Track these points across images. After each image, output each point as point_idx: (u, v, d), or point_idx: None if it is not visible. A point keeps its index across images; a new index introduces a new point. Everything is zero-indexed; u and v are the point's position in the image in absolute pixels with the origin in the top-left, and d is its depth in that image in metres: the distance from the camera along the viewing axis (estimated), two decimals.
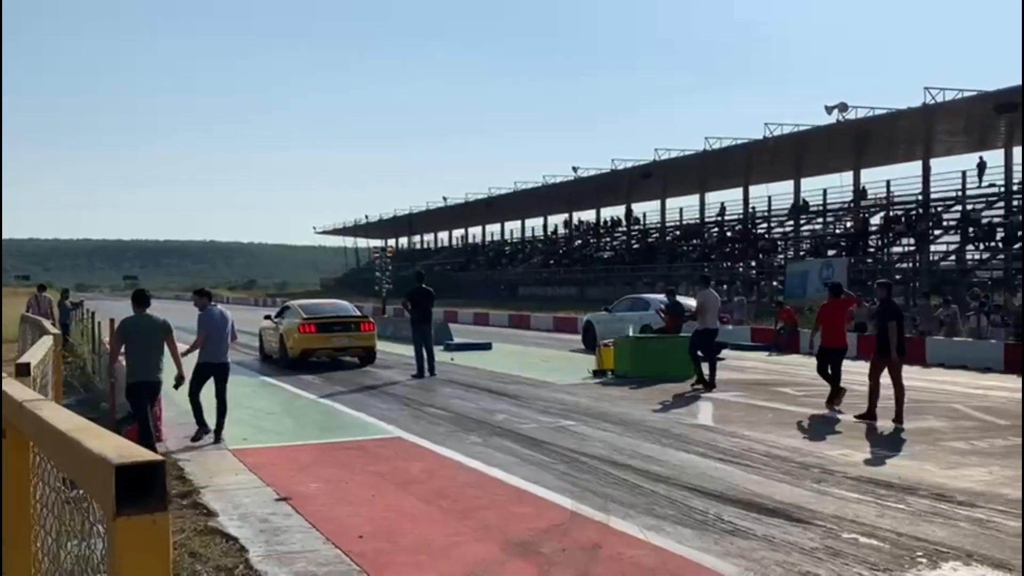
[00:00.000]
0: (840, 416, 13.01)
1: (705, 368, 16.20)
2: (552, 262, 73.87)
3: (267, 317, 22.62)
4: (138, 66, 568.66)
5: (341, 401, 14.84)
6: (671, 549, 6.42)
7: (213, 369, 11.44)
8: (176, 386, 10.38)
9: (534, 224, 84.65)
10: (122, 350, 10.14)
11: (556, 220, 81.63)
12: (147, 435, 9.46)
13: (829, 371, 13.92)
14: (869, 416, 12.48)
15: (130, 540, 1.31)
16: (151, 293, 11.40)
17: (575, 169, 63.72)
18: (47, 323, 13.07)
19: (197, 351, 11.44)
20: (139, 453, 1.38)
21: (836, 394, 13.65)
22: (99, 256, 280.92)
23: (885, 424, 12.12)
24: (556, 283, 67.62)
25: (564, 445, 10.61)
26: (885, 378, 12.51)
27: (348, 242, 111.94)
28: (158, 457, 1.37)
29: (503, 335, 33.05)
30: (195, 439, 11.01)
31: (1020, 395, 13.46)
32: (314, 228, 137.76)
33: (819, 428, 12.10)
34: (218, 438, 11.14)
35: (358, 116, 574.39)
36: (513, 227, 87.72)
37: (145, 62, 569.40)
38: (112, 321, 12.07)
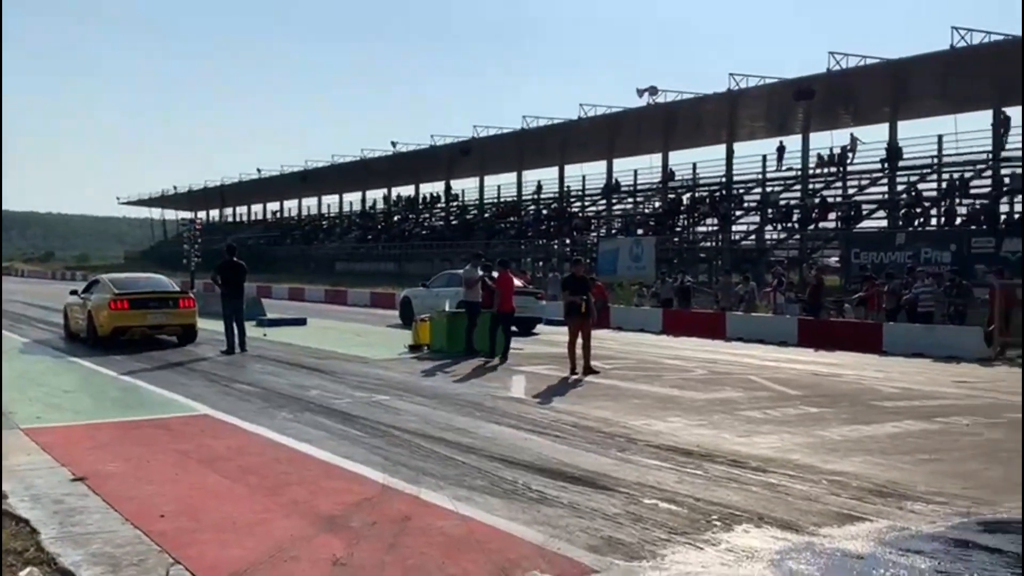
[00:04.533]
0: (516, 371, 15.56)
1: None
2: (370, 237, 73.22)
3: (73, 292, 21.31)
4: None
5: (144, 378, 14.24)
6: (480, 519, 6.50)
7: None
8: None
9: (352, 199, 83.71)
10: None
11: (375, 195, 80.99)
12: None
13: (500, 330, 17.28)
14: (574, 372, 15.11)
15: None
16: None
17: (394, 144, 63.36)
18: None
19: None
20: None
21: (505, 352, 17.18)
22: None
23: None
24: (374, 259, 67.04)
25: (378, 419, 10.58)
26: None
27: (155, 214, 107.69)
28: None
29: (319, 311, 32.57)
30: None
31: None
32: (118, 198, 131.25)
33: (625, 399, 12.53)
34: None
35: (164, 81, 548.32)
36: (331, 202, 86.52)
37: None
38: None
